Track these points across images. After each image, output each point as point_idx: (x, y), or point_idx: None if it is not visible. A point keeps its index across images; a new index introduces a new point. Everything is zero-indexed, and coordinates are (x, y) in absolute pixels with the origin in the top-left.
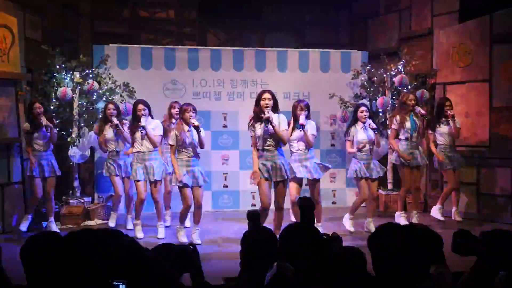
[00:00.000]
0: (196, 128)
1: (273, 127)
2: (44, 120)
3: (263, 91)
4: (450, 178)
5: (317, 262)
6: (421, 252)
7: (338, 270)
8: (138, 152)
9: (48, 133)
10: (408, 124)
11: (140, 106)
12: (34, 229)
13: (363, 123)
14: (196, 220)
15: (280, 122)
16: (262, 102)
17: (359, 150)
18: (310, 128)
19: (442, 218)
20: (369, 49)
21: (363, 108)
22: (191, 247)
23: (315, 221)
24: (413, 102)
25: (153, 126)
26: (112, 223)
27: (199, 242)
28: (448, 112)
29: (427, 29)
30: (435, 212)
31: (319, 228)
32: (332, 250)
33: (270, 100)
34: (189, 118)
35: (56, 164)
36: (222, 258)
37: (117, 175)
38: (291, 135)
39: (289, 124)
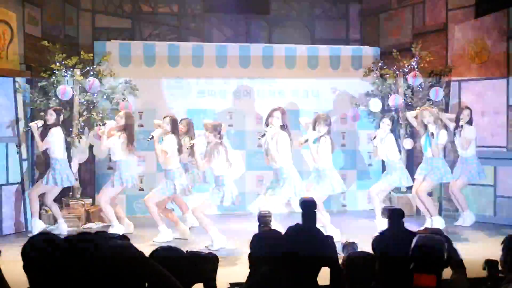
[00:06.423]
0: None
1: (269, 143)
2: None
3: (275, 109)
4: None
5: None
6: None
7: (350, 272)
8: None
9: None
10: (422, 140)
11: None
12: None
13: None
14: None
15: (277, 140)
16: (269, 118)
17: None
18: (321, 144)
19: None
20: (381, 45)
21: (384, 119)
22: (212, 256)
23: None
24: (427, 119)
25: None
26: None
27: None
28: (460, 123)
29: (441, 24)
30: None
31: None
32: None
33: (278, 119)
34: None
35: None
36: (228, 262)
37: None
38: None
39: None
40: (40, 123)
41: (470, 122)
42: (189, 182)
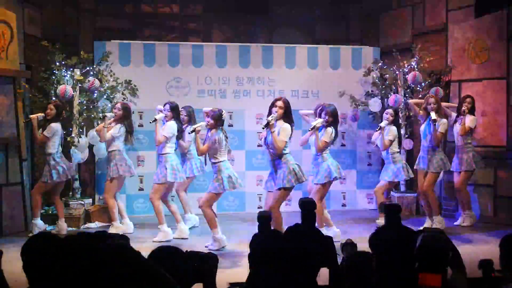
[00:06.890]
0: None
1: (271, 132)
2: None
3: (277, 99)
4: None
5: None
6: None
7: (349, 272)
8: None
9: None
10: (422, 127)
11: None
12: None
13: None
14: None
15: (280, 131)
16: (272, 108)
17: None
18: (327, 133)
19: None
20: (381, 45)
21: (387, 110)
22: (212, 256)
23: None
24: (432, 106)
25: (167, 124)
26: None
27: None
28: (463, 108)
29: (441, 24)
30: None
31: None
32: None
33: (281, 108)
34: None
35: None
36: (228, 262)
37: None
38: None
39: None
40: (41, 116)
41: (472, 111)
42: (188, 172)
